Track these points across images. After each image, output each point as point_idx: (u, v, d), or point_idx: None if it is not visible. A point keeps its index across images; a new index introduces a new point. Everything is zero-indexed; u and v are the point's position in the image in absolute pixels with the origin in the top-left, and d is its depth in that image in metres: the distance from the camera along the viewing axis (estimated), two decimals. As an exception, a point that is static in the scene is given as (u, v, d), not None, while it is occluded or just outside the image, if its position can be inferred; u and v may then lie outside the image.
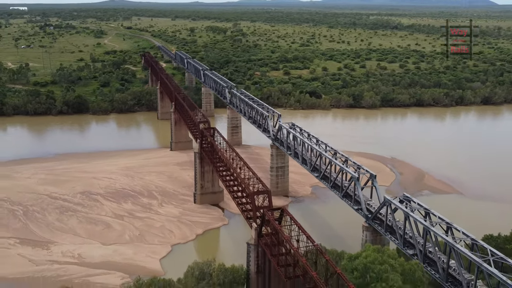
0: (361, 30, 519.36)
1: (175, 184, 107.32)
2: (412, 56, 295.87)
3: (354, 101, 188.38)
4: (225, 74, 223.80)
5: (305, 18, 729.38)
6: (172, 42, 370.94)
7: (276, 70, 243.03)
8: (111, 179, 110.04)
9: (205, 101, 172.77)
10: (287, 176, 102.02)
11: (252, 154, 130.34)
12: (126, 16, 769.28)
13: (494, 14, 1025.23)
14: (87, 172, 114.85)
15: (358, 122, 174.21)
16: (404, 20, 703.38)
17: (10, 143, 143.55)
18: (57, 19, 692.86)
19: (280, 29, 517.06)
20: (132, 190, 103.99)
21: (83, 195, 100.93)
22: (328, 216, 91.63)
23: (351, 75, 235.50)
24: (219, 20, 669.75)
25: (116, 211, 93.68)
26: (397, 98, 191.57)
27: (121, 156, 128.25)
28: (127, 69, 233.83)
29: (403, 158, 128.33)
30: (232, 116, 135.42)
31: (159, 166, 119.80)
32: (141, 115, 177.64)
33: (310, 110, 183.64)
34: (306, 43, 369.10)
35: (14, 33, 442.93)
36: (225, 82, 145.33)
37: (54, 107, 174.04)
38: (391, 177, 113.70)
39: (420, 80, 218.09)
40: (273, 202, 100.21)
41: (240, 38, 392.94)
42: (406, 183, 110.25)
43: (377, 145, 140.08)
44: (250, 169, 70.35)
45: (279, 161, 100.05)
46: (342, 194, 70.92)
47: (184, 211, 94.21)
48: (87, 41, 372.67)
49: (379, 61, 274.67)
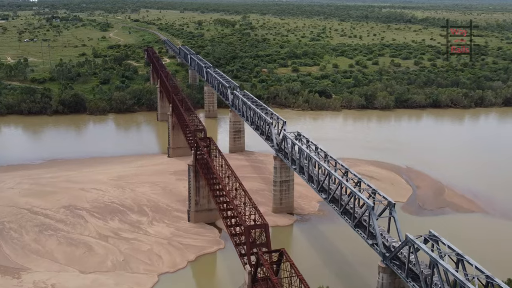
0: (373, 23, 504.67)
1: (169, 198, 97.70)
2: (428, 52, 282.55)
3: (366, 101, 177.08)
4: (231, 71, 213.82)
5: (316, 11, 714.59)
6: (179, 36, 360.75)
7: (284, 66, 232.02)
8: (100, 191, 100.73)
9: (208, 101, 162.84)
10: (292, 191, 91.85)
11: (256, 161, 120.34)
12: (135, 8, 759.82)
13: (510, 7, 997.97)
14: (76, 182, 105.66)
15: (370, 125, 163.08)
16: (417, 13, 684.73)
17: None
18: (65, 11, 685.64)
19: (290, 22, 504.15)
20: (122, 204, 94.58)
21: (67, 210, 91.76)
22: (338, 241, 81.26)
23: (363, 72, 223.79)
24: (228, 13, 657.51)
25: (101, 230, 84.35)
26: (412, 98, 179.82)
27: (114, 163, 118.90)
28: (129, 65, 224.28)
29: (420, 168, 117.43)
30: (235, 119, 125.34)
31: (154, 175, 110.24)
32: (141, 116, 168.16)
33: (319, 111, 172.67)
34: (317, 37, 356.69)
35: (20, 25, 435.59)
36: (228, 82, 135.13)
37: (49, 106, 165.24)
38: (408, 192, 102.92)
39: (437, 79, 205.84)
40: (275, 222, 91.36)
41: (249, 32, 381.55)
42: (424, 199, 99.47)
43: (390, 151, 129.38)
44: (247, 193, 60.31)
45: (283, 175, 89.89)
46: (354, 223, 60.60)
47: (176, 231, 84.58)
48: (92, 35, 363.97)
49: (392, 57, 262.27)
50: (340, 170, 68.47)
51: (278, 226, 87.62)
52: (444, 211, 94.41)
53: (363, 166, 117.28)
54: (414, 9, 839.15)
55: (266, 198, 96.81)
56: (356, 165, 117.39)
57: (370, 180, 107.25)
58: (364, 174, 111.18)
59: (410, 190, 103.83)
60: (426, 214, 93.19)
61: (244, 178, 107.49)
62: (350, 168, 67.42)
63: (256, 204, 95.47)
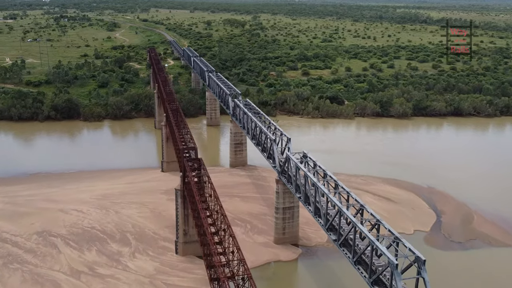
0: (388, 24, 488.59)
1: (157, 223, 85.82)
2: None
3: (381, 108, 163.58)
4: (237, 74, 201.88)
5: (328, 11, 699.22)
6: (186, 36, 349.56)
7: (294, 69, 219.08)
8: (80, 213, 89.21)
9: (210, 107, 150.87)
10: (297, 219, 79.29)
11: (258, 178, 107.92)
12: (145, 8, 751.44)
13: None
14: (55, 201, 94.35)
15: (385, 135, 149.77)
16: (433, 14, 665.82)
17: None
18: (75, 10, 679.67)
19: (302, 22, 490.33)
20: (102, 230, 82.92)
21: (40, 237, 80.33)
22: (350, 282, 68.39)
23: (378, 76, 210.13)
24: (238, 13, 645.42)
25: (74, 263, 72.67)
26: (432, 106, 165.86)
27: (101, 178, 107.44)
28: (130, 67, 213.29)
29: (442, 187, 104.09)
30: (236, 131, 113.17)
31: (143, 194, 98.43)
32: (138, 122, 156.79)
33: (331, 119, 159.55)
34: (329, 38, 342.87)
35: (27, 25, 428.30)
36: (229, 88, 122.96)
37: (41, 112, 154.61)
38: (431, 218, 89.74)
39: (458, 84, 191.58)
40: (277, 255, 78.58)
41: (258, 32, 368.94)
42: (451, 228, 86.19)
43: (409, 167, 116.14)
44: (235, 239, 47.96)
45: (287, 201, 77.42)
46: (372, 279, 47.87)
47: (161, 266, 72.57)
48: (98, 35, 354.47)
49: (409, 60, 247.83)
50: (354, 206, 55.62)
51: (280, 261, 75.26)
52: (475, 244, 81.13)
53: (379, 185, 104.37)
54: (429, 9, 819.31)
55: (268, 225, 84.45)
56: (371, 184, 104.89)
57: (388, 203, 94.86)
58: (380, 195, 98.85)
59: (434, 216, 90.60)
60: (453, 247, 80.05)
61: (244, 199, 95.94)
62: (367, 206, 54.56)
63: (256, 233, 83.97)
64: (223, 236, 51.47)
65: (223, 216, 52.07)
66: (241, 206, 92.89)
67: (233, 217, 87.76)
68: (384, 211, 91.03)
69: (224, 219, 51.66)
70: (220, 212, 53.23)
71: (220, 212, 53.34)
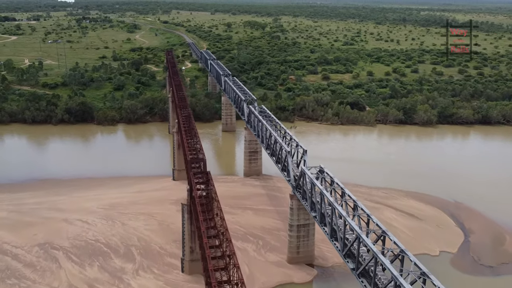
0: (411, 27, 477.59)
1: (165, 236, 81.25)
2: (473, 58, 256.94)
3: (404, 115, 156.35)
4: (255, 78, 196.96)
5: (351, 13, 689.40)
6: (206, 38, 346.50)
7: (313, 73, 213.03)
8: (85, 224, 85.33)
9: (226, 112, 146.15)
10: (312, 237, 73.62)
11: (273, 189, 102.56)
12: (166, 9, 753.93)
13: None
14: (60, 210, 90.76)
15: (409, 144, 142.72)
16: (458, 16, 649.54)
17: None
18: (98, 12, 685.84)
19: (323, 25, 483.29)
20: (107, 243, 78.73)
21: (41, 250, 76.59)
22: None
23: (401, 81, 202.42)
24: (259, 15, 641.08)
25: (74, 280, 68.55)
26: (458, 113, 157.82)
27: (110, 185, 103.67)
28: (147, 69, 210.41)
29: (470, 203, 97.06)
30: (250, 138, 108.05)
31: (152, 204, 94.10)
32: (153, 127, 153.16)
33: (351, 126, 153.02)
34: (350, 41, 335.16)
35: (49, 26, 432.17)
36: (245, 94, 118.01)
37: (54, 115, 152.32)
38: (458, 238, 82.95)
39: (486, 90, 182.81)
40: (290, 276, 72.92)
41: (279, 35, 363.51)
42: (480, 249, 79.31)
43: (433, 179, 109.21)
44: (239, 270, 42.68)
45: (302, 217, 71.88)
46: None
47: (165, 286, 67.89)
48: (118, 36, 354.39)
49: (433, 64, 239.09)
50: (376, 232, 49.78)
51: (293, 283, 69.74)
52: (508, 268, 74.21)
53: (401, 199, 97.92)
54: (454, 12, 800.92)
55: (282, 241, 79.01)
56: (393, 198, 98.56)
57: (411, 220, 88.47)
58: (403, 211, 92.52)
59: (461, 235, 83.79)
60: (483, 272, 73.28)
61: (258, 212, 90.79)
62: (389, 232, 48.60)
63: (269, 250, 78.52)
64: (228, 262, 46.31)
65: (229, 242, 46.74)
66: (253, 219, 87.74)
67: (245, 232, 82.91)
68: (407, 228, 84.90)
69: (229, 245, 46.42)
70: (226, 236, 47.97)
71: (225, 236, 48.10)
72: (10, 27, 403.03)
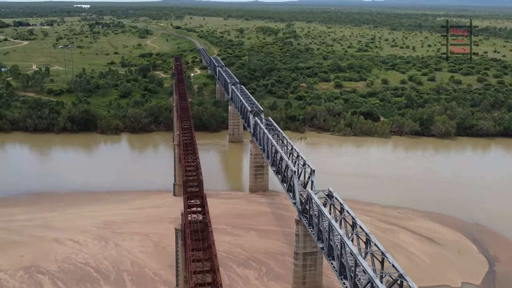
0: (427, 33, 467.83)
1: (160, 260, 74.95)
2: (492, 66, 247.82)
3: (421, 126, 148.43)
4: (265, 86, 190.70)
5: (365, 19, 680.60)
6: (217, 44, 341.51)
7: (326, 81, 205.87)
8: (77, 244, 79.51)
9: (233, 122, 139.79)
10: (320, 266, 66.71)
11: (280, 207, 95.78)
12: (179, 15, 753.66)
13: None
14: (52, 228, 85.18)
15: (425, 157, 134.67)
16: (476, 22, 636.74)
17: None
18: (111, 17, 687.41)
19: (337, 30, 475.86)
20: (97, 268, 72.66)
21: (26, 274, 70.85)
22: None
23: (418, 90, 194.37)
24: (272, 20, 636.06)
25: (57, 311, 62.64)
26: (478, 125, 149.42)
27: (107, 201, 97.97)
28: (155, 76, 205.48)
29: (494, 226, 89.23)
30: (256, 152, 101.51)
31: (149, 222, 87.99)
32: (157, 136, 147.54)
33: (364, 138, 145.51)
34: (365, 47, 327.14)
35: (62, 31, 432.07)
36: (251, 104, 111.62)
37: (56, 123, 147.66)
38: (482, 266, 75.23)
39: (507, 100, 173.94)
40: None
41: (291, 40, 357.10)
42: (507, 281, 71.55)
43: (452, 198, 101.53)
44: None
45: (308, 245, 65.03)
46: None
47: (155, 320, 61.61)
48: (129, 42, 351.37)
49: (451, 72, 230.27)
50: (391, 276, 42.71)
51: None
52: (539, 306, 66.53)
53: (418, 220, 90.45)
54: (471, 17, 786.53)
55: (286, 268, 72.19)
56: (409, 219, 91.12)
57: (429, 245, 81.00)
58: (421, 234, 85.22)
59: (485, 264, 76.07)
60: (512, 309, 65.73)
61: (262, 233, 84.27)
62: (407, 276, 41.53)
63: (272, 279, 71.54)
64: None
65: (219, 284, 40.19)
66: (257, 242, 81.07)
67: (247, 256, 76.36)
68: (425, 255, 77.47)
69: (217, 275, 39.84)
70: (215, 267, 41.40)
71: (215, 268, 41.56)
72: (23, 32, 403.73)
